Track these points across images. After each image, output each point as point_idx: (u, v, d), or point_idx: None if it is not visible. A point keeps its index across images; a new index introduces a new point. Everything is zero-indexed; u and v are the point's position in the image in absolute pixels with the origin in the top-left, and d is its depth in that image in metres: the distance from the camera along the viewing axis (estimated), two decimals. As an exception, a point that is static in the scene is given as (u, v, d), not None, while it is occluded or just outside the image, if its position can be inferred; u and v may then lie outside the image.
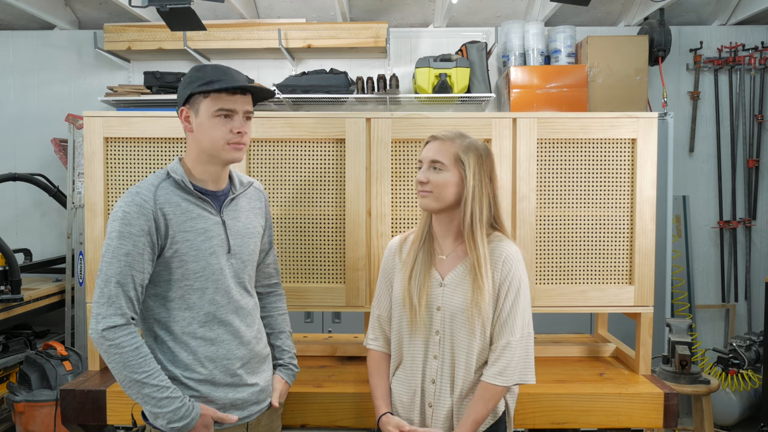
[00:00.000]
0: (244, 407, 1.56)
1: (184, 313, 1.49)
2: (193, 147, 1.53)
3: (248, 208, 1.63)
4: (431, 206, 1.57)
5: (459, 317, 1.56)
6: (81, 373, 2.33)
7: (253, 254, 1.62)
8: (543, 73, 3.72)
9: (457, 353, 1.56)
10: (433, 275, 1.60)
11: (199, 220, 1.49)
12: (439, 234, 1.63)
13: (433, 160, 1.57)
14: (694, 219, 4.23)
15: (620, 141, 2.00)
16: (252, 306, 1.61)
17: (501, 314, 1.56)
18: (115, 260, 1.41)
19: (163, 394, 1.40)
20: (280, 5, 4.05)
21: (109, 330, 1.38)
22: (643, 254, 2.00)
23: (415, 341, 1.60)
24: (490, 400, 1.54)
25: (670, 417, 1.85)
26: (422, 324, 1.58)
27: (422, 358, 1.60)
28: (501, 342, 1.55)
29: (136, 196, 1.45)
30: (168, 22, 2.94)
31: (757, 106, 4.15)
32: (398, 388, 1.64)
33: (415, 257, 1.61)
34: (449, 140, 1.58)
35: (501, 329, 1.56)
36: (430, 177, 1.56)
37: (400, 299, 1.62)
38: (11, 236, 4.23)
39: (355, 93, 3.86)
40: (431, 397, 1.58)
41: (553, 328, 2.87)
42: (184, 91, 1.50)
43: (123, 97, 3.89)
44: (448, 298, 1.57)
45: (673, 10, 4.03)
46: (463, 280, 1.57)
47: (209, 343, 1.50)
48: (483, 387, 1.55)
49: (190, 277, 1.48)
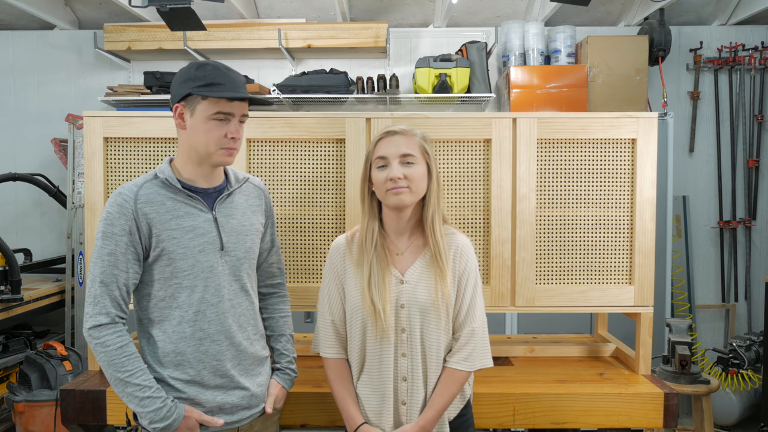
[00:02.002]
0: (233, 411, 1.53)
1: (174, 312, 1.48)
2: (184, 145, 1.52)
3: (245, 205, 1.61)
4: (407, 201, 1.53)
5: (425, 311, 1.55)
6: (81, 373, 2.33)
7: (251, 252, 1.60)
8: (543, 73, 3.72)
9: (426, 347, 1.56)
10: (392, 273, 1.57)
11: (186, 218, 1.49)
12: (393, 231, 1.60)
13: (404, 154, 1.53)
14: (694, 219, 4.23)
15: (620, 141, 2.00)
16: (247, 305, 1.58)
17: (463, 303, 1.58)
18: (99, 260, 1.43)
19: (144, 393, 1.40)
20: (280, 5, 4.05)
21: (95, 329, 1.41)
22: (643, 254, 2.00)
23: (380, 342, 1.55)
24: (454, 385, 1.56)
25: (670, 417, 1.85)
26: (387, 323, 1.54)
27: (391, 357, 1.55)
28: (466, 330, 1.57)
29: (118, 196, 1.46)
30: (168, 22, 2.94)
31: (757, 106, 4.15)
32: (365, 391, 1.58)
33: (370, 257, 1.56)
34: (411, 133, 1.57)
35: (465, 317, 1.58)
36: (406, 172, 1.52)
37: (359, 303, 1.56)
38: (11, 236, 4.23)
39: (355, 93, 3.86)
40: (404, 395, 1.56)
41: (553, 328, 2.87)
42: (182, 88, 1.47)
43: (123, 97, 3.89)
44: (410, 294, 1.55)
45: (673, 10, 4.03)
46: (423, 274, 1.56)
47: (198, 342, 1.49)
48: (448, 373, 1.56)
49: (179, 275, 1.47)
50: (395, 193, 1.51)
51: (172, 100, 1.52)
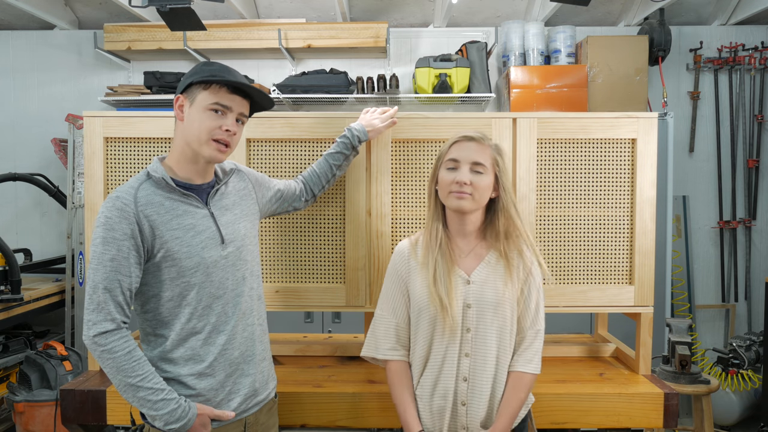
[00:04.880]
0: (243, 400, 1.56)
1: (184, 310, 1.48)
2: (178, 140, 1.52)
3: (235, 195, 1.62)
4: (468, 207, 1.56)
5: (492, 312, 1.56)
6: (81, 373, 2.33)
7: (247, 238, 1.60)
8: (543, 73, 3.72)
9: (489, 349, 1.56)
10: (458, 273, 1.59)
11: (186, 216, 1.49)
12: (456, 232, 1.63)
13: (475, 162, 1.56)
14: (694, 219, 4.23)
15: (620, 141, 2.00)
16: (248, 293, 1.59)
17: (530, 305, 1.60)
18: (100, 266, 1.40)
19: (158, 396, 1.40)
20: (280, 5, 4.05)
21: (100, 336, 1.38)
22: (643, 254, 2.00)
23: (446, 340, 1.57)
24: (522, 390, 1.56)
25: (670, 417, 1.85)
26: (453, 323, 1.56)
27: (455, 357, 1.56)
28: (532, 331, 1.60)
29: (116, 200, 1.44)
30: (168, 22, 2.94)
31: (757, 106, 4.15)
32: (426, 392, 1.59)
33: (435, 258, 1.59)
34: (485, 142, 1.59)
35: (533, 319, 1.60)
36: (474, 179, 1.55)
37: (425, 301, 1.58)
38: (11, 236, 4.23)
39: (355, 93, 3.86)
40: (464, 396, 1.56)
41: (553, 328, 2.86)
42: (186, 81, 1.50)
43: (123, 97, 3.89)
44: (478, 294, 1.57)
45: (673, 10, 4.03)
46: (490, 275, 1.58)
47: (207, 335, 1.50)
48: (515, 377, 1.56)
49: (186, 274, 1.47)
50: (458, 197, 1.55)
51: (176, 94, 1.54)
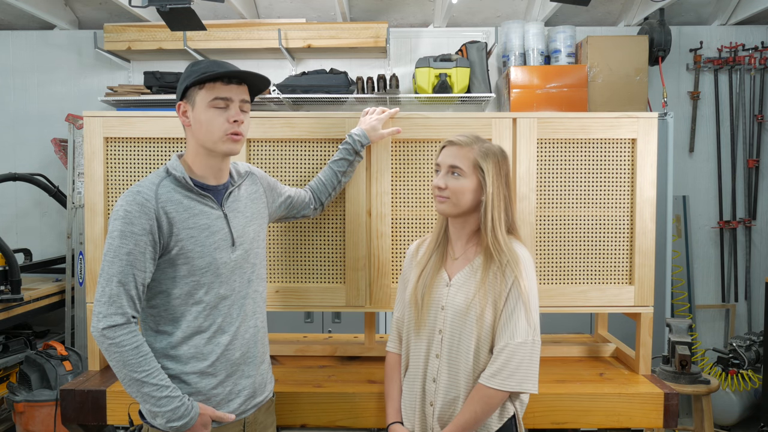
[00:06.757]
0: (242, 401, 1.56)
1: (192, 308, 1.49)
2: (191, 142, 1.54)
3: (247, 198, 1.64)
4: (448, 211, 1.58)
5: (459, 316, 1.55)
6: (81, 373, 2.33)
7: (256, 241, 1.62)
8: (543, 73, 3.72)
9: (458, 353, 1.55)
10: (442, 276, 1.61)
11: (201, 217, 1.50)
12: (453, 236, 1.65)
13: (451, 166, 1.56)
14: (694, 219, 4.23)
15: (620, 141, 2.00)
16: (253, 295, 1.60)
17: (503, 316, 1.52)
18: (116, 259, 1.41)
19: (162, 393, 1.40)
20: (280, 5, 4.05)
21: (110, 329, 1.38)
22: (643, 254, 2.00)
23: (419, 341, 1.62)
24: (479, 403, 1.49)
25: (670, 417, 1.85)
26: (427, 323, 1.60)
27: (425, 357, 1.60)
28: (500, 344, 1.51)
29: (137, 195, 1.45)
30: (168, 22, 2.94)
31: (757, 106, 4.15)
32: (405, 387, 1.66)
33: (428, 258, 1.64)
34: (467, 145, 1.57)
35: (502, 331, 1.51)
36: (449, 183, 1.56)
37: (409, 299, 1.64)
38: (11, 236, 4.24)
39: (355, 93, 3.86)
40: (432, 396, 1.58)
41: (553, 328, 2.86)
42: (181, 86, 1.52)
43: (123, 97, 3.89)
44: (452, 297, 1.58)
45: (673, 10, 4.03)
46: (468, 280, 1.57)
47: (212, 335, 1.51)
48: (476, 388, 1.52)
49: (197, 273, 1.48)
50: (439, 201, 1.60)
51: (176, 103, 1.55)
